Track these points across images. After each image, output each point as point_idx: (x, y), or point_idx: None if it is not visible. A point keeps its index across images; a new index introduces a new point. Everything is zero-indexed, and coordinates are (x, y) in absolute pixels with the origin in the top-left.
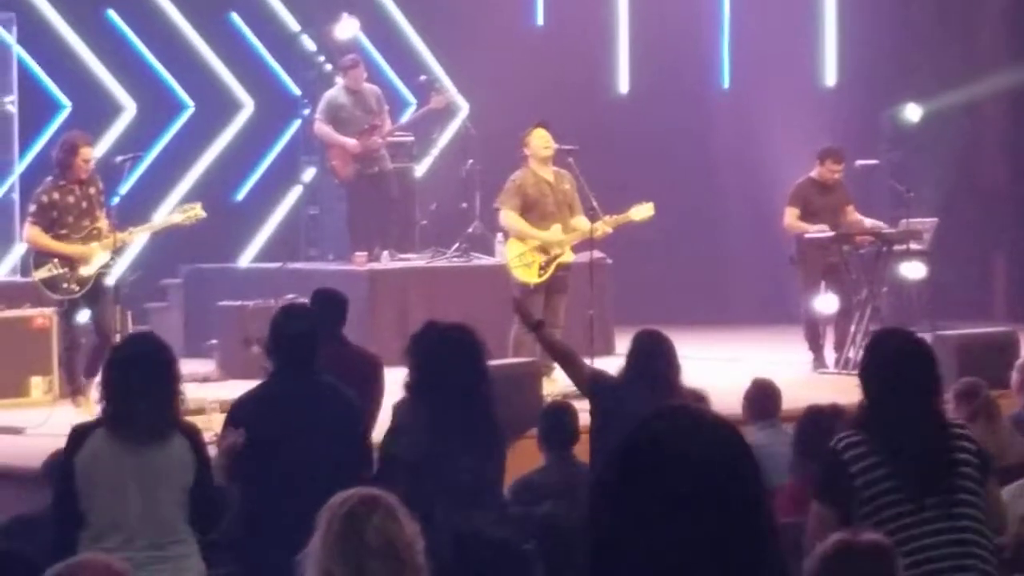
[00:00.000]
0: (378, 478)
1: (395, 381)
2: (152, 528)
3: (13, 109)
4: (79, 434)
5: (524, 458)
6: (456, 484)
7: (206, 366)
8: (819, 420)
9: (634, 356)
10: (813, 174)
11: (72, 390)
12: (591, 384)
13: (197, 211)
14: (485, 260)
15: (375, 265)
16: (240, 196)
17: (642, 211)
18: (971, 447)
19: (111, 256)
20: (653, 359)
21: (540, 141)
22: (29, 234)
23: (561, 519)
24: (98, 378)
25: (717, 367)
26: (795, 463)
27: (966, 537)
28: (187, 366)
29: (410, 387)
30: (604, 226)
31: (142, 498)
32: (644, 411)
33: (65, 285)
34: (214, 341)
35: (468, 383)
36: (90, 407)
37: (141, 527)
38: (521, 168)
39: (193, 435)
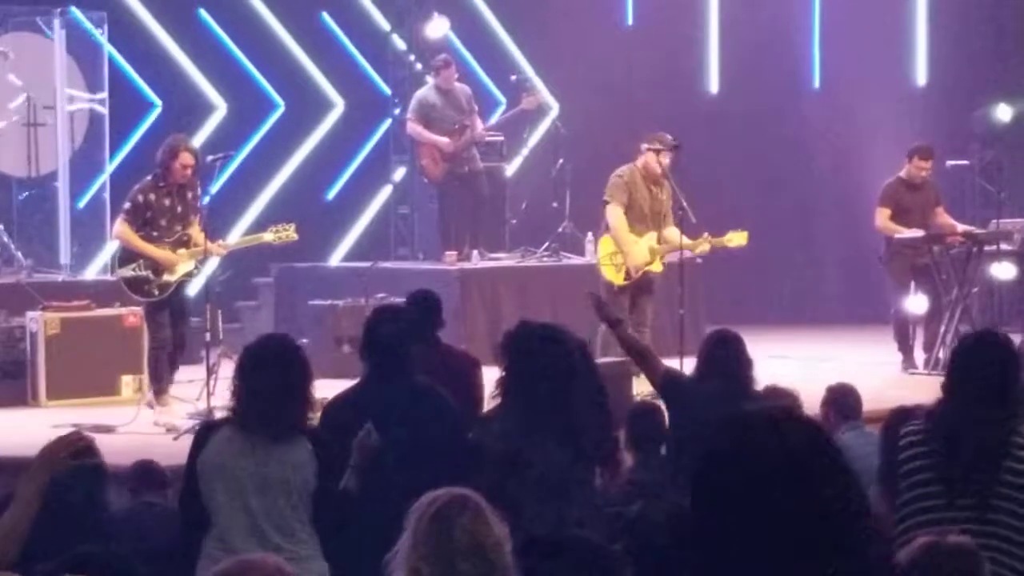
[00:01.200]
0: (465, 470)
1: (490, 381)
2: (273, 528)
3: (104, 108)
4: (204, 433)
5: None
6: (545, 478)
7: None
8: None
9: (705, 355)
10: (902, 173)
11: (155, 389)
12: (664, 383)
13: (290, 233)
14: (575, 260)
15: (466, 264)
16: (331, 195)
17: (737, 238)
18: None
19: (196, 265)
20: (724, 358)
21: (655, 165)
22: (119, 230)
23: (650, 519)
24: (191, 377)
25: (808, 367)
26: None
27: (992, 544)
28: None
29: (502, 385)
30: (702, 244)
31: (262, 498)
32: (717, 410)
33: (147, 287)
34: (305, 340)
35: (559, 383)
36: (172, 407)
37: (262, 527)
38: (629, 164)
39: (317, 437)
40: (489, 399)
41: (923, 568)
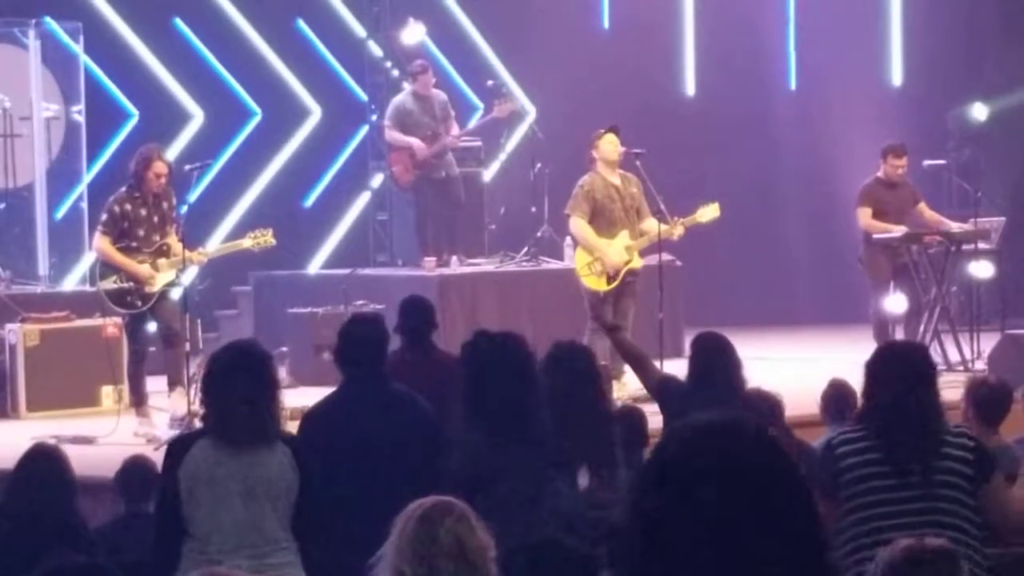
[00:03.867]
0: (437, 484)
1: None
2: (255, 536)
3: (81, 118)
4: (179, 447)
5: None
6: (514, 492)
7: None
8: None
9: (695, 360)
10: (879, 173)
11: (135, 400)
12: (659, 388)
13: (268, 238)
14: (554, 264)
15: (444, 270)
16: (308, 203)
17: (708, 212)
18: (967, 443)
19: (176, 274)
20: (712, 362)
21: (610, 146)
22: (98, 244)
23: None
24: (177, 388)
25: (791, 367)
26: None
27: (944, 520)
28: None
29: (462, 396)
30: (676, 228)
31: (244, 506)
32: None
33: (129, 299)
34: (284, 348)
35: (516, 392)
36: (152, 417)
37: (244, 535)
38: (589, 173)
39: (294, 444)
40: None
41: (901, 572)
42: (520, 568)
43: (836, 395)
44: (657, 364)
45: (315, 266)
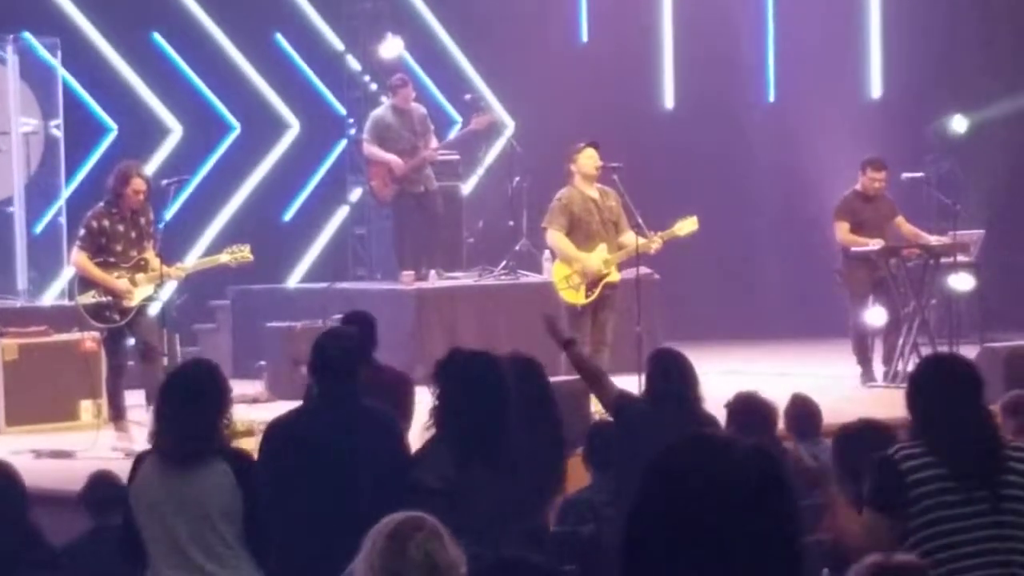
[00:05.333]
0: (405, 501)
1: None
2: (200, 553)
3: (59, 133)
4: (136, 463)
5: (573, 477)
6: (483, 512)
7: (255, 387)
8: (851, 437)
9: (651, 377)
10: (857, 186)
11: (115, 414)
12: (616, 405)
13: (245, 253)
14: (533, 277)
15: (422, 284)
16: (287, 217)
17: (687, 225)
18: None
19: (154, 289)
20: (668, 379)
21: (589, 160)
22: (76, 259)
23: (604, 539)
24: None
25: (766, 382)
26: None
27: (1016, 533)
28: (236, 387)
29: (435, 415)
30: (654, 242)
31: (186, 524)
32: (666, 433)
33: (107, 313)
34: (263, 362)
35: (492, 412)
36: (131, 431)
37: (191, 553)
38: (566, 186)
39: (239, 461)
40: (423, 429)
41: None
42: None
43: (801, 412)
44: (635, 378)
45: (294, 280)
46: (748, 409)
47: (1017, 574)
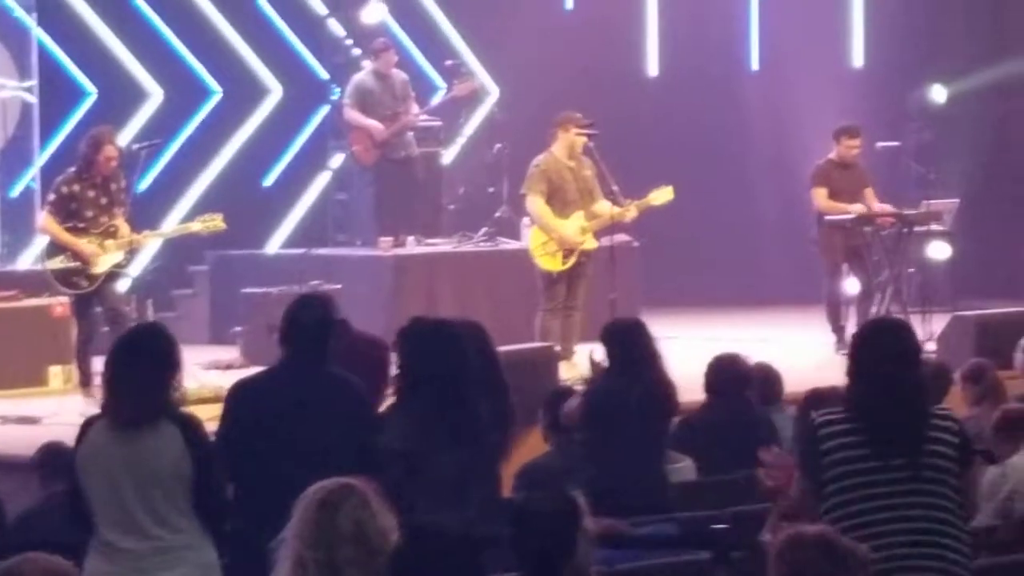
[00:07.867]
0: (366, 468)
1: None
2: (150, 519)
3: (33, 97)
4: (84, 427)
5: (538, 445)
6: (438, 479)
7: (231, 353)
8: (810, 406)
9: (609, 348)
10: (832, 155)
11: (83, 380)
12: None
13: (217, 222)
14: (512, 244)
15: (401, 250)
16: (268, 182)
17: (662, 195)
18: (952, 427)
19: (124, 256)
20: (627, 347)
21: (580, 139)
22: (44, 223)
23: (532, 509)
24: None
25: (745, 348)
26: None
27: (935, 502)
28: (212, 353)
29: (396, 383)
30: (629, 210)
31: (135, 489)
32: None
33: (75, 279)
34: (239, 328)
35: (452, 381)
36: (98, 397)
37: (139, 518)
38: (544, 153)
39: (188, 425)
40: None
41: (785, 559)
42: (400, 551)
43: (761, 379)
44: None
45: (274, 246)
46: (725, 371)
47: (937, 542)
